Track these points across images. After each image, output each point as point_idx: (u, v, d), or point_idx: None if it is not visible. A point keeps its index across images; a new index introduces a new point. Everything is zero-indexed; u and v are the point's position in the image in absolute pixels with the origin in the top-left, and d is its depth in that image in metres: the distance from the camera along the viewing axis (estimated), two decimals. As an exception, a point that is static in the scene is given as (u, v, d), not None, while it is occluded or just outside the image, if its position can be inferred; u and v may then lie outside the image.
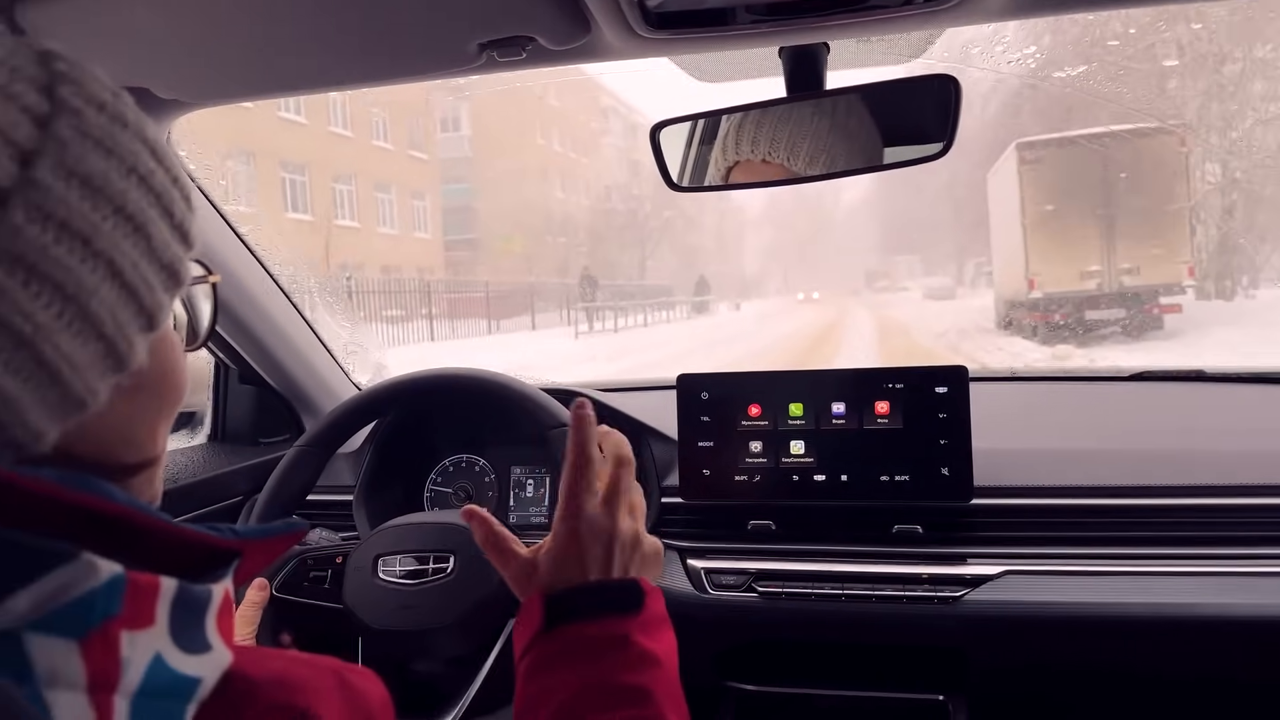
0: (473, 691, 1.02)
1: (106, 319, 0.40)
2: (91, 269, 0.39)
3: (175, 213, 0.44)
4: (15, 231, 0.36)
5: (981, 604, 1.11)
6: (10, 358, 0.37)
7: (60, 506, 0.38)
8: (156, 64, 0.95)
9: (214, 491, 1.40)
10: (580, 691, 0.62)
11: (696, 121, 1.00)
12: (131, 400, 0.44)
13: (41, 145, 0.38)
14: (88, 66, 0.43)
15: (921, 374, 1.23)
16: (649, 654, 0.64)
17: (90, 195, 0.39)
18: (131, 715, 0.37)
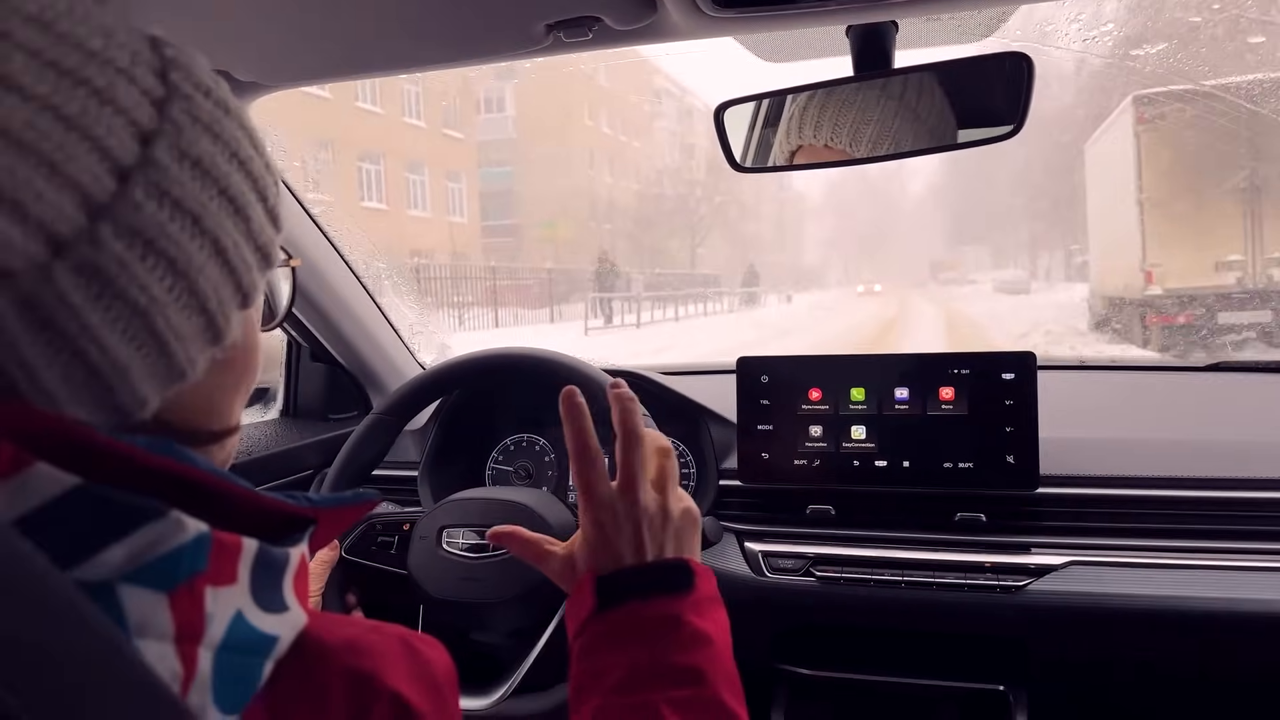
0: (527, 665, 1.04)
1: (210, 295, 0.42)
2: (200, 246, 0.41)
3: (269, 197, 0.46)
4: (136, 207, 0.38)
5: (1045, 594, 1.09)
6: (127, 326, 0.39)
7: (148, 470, 0.39)
8: (236, 47, 0.98)
9: (286, 465, 1.44)
10: (633, 671, 0.63)
11: (761, 102, 1.00)
12: (220, 373, 0.46)
13: (159, 127, 0.40)
14: (192, 52, 0.44)
15: (988, 360, 1.21)
16: (701, 633, 0.64)
17: (200, 176, 0.41)
18: (214, 667, 0.38)
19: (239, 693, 0.40)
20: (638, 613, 0.65)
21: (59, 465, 0.36)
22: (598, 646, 0.65)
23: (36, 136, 0.35)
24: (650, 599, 0.65)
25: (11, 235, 0.35)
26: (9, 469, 0.35)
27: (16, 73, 0.35)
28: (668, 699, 0.61)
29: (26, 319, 0.36)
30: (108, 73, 0.38)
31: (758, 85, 1.00)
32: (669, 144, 38.36)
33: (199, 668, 0.38)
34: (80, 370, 0.38)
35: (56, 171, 0.36)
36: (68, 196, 0.36)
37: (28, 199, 0.35)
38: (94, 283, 0.37)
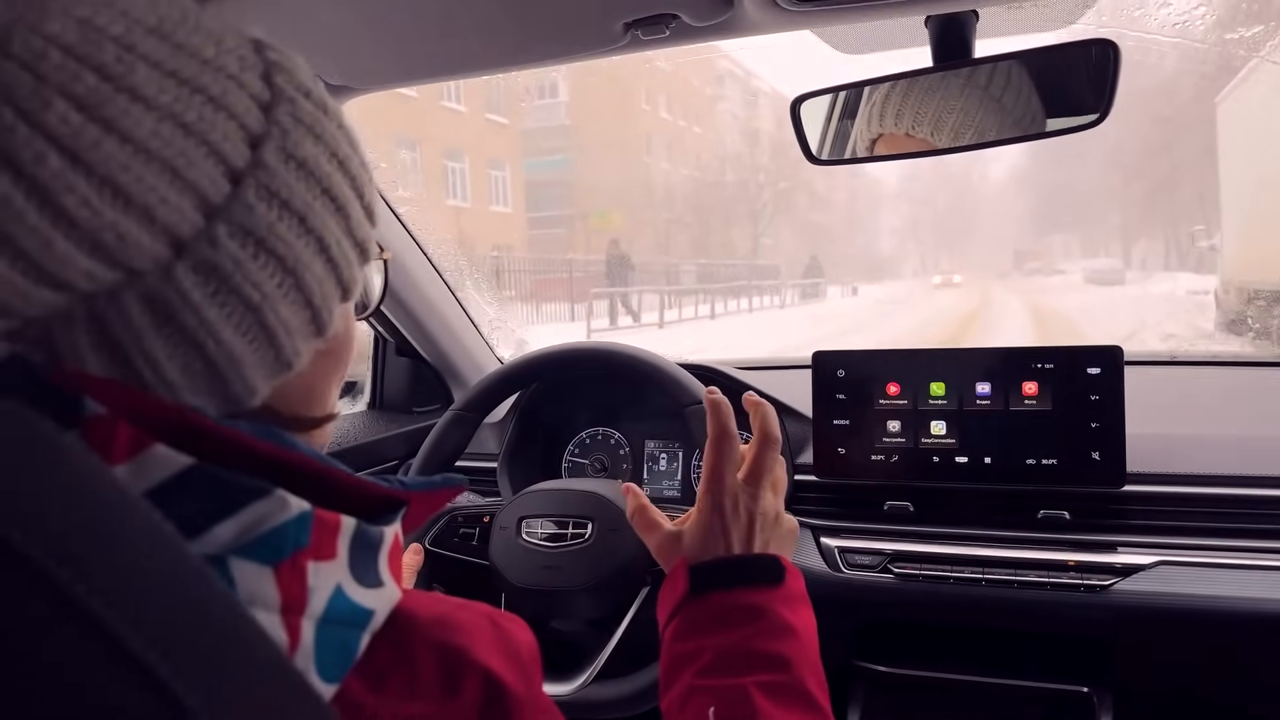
0: (607, 653, 1.06)
1: (315, 289, 0.44)
2: (305, 244, 0.43)
3: (365, 194, 0.48)
4: (249, 208, 0.41)
5: (1132, 594, 1.06)
6: (241, 320, 0.41)
7: (253, 453, 0.41)
8: (328, 52, 1.01)
9: (372, 456, 1.49)
10: (722, 654, 0.66)
11: (838, 94, 1.00)
12: (320, 362, 0.49)
13: (267, 130, 0.42)
14: (292, 54, 0.46)
15: (1073, 354, 1.18)
16: (788, 625, 0.67)
17: (304, 177, 0.43)
18: (316, 638, 0.40)
19: (339, 663, 0.42)
20: (729, 600, 0.68)
21: (173, 447, 0.38)
22: (690, 630, 0.69)
23: (161, 144, 0.37)
24: (742, 589, 0.69)
25: (140, 237, 0.37)
26: (131, 450, 0.37)
27: (141, 83, 0.37)
28: (756, 682, 0.64)
29: (151, 315, 0.39)
30: (220, 79, 0.40)
31: (828, 68, 0.99)
32: (732, 129, 36.59)
33: (302, 638, 0.40)
34: (199, 362, 0.41)
35: (178, 176, 0.38)
36: (188, 199, 0.39)
37: (154, 203, 0.37)
38: (211, 280, 0.40)
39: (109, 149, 0.36)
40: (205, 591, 0.33)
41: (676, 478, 1.51)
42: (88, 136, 0.35)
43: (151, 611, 0.29)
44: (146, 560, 0.31)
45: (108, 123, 0.36)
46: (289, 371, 0.45)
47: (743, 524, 0.72)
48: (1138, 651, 1.10)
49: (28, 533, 0.27)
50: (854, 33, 1.01)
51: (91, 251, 0.37)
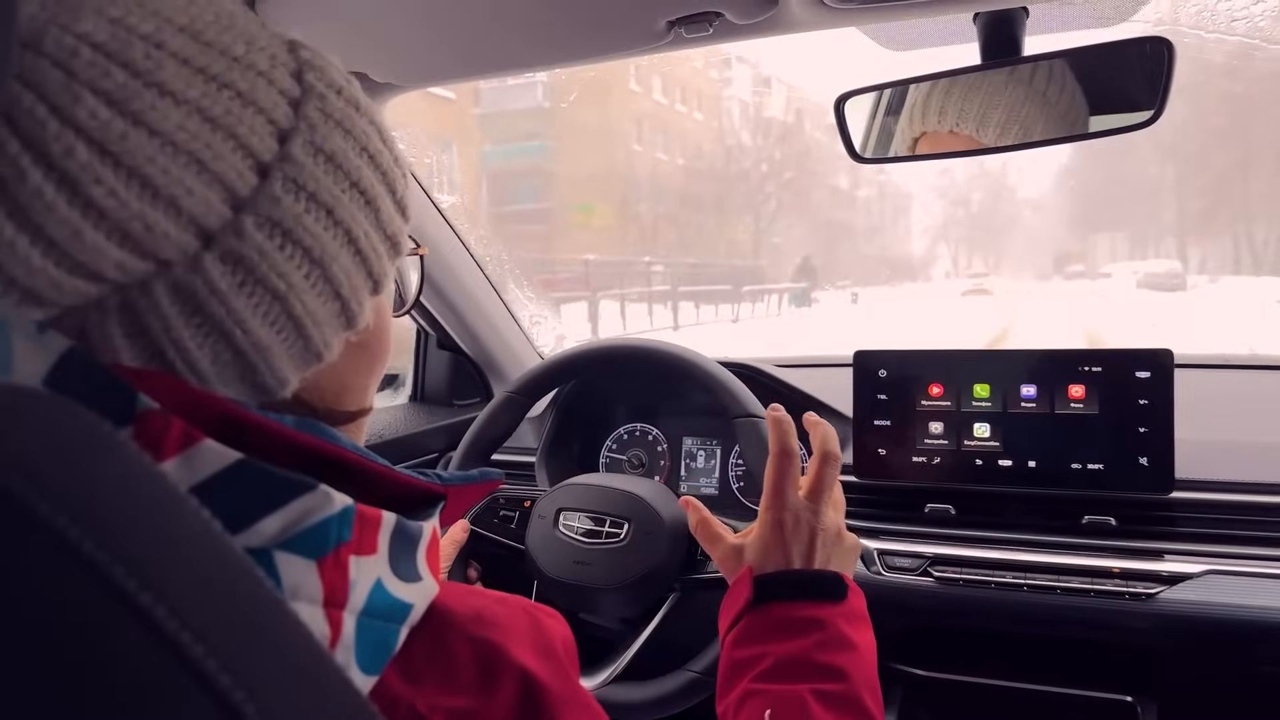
0: (630, 654, 1.06)
1: (343, 281, 0.45)
2: (333, 236, 0.44)
3: (397, 189, 0.49)
4: (275, 200, 0.41)
5: (1179, 603, 1.04)
6: (268, 311, 0.42)
7: (297, 448, 0.42)
8: (372, 50, 1.03)
9: (413, 448, 1.51)
10: (781, 661, 0.68)
11: (882, 91, 0.99)
12: (354, 355, 0.49)
13: (295, 125, 0.43)
14: (325, 54, 0.47)
15: (1122, 357, 1.16)
16: (849, 639, 0.69)
17: (333, 170, 0.44)
18: (357, 631, 0.41)
19: (378, 656, 0.42)
20: (791, 611, 0.71)
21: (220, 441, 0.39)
22: (750, 637, 0.71)
23: (188, 137, 0.38)
24: (804, 602, 0.71)
25: (168, 228, 0.38)
26: (181, 444, 0.38)
27: (169, 79, 0.38)
28: (813, 690, 0.66)
29: (180, 304, 0.40)
30: (249, 76, 0.41)
31: (856, 60, 0.98)
32: (739, 117, 33.31)
33: (343, 631, 0.40)
34: (227, 351, 0.41)
35: (205, 169, 0.39)
36: (215, 191, 0.40)
37: (180, 194, 0.38)
38: (238, 270, 0.41)
39: (136, 141, 0.37)
40: (251, 587, 0.33)
41: (714, 475, 1.51)
42: (115, 129, 0.37)
43: (199, 607, 0.30)
44: (194, 557, 0.32)
45: (135, 116, 0.37)
46: (319, 362, 0.45)
47: (804, 540, 0.74)
48: (1184, 662, 1.08)
49: (84, 529, 0.28)
50: (900, 29, 1.00)
51: (120, 241, 0.38)
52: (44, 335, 0.39)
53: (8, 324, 0.38)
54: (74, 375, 0.38)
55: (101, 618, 0.28)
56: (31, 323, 0.39)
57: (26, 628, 0.26)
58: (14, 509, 0.27)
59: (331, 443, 0.44)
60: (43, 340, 0.38)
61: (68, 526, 0.27)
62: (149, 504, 0.31)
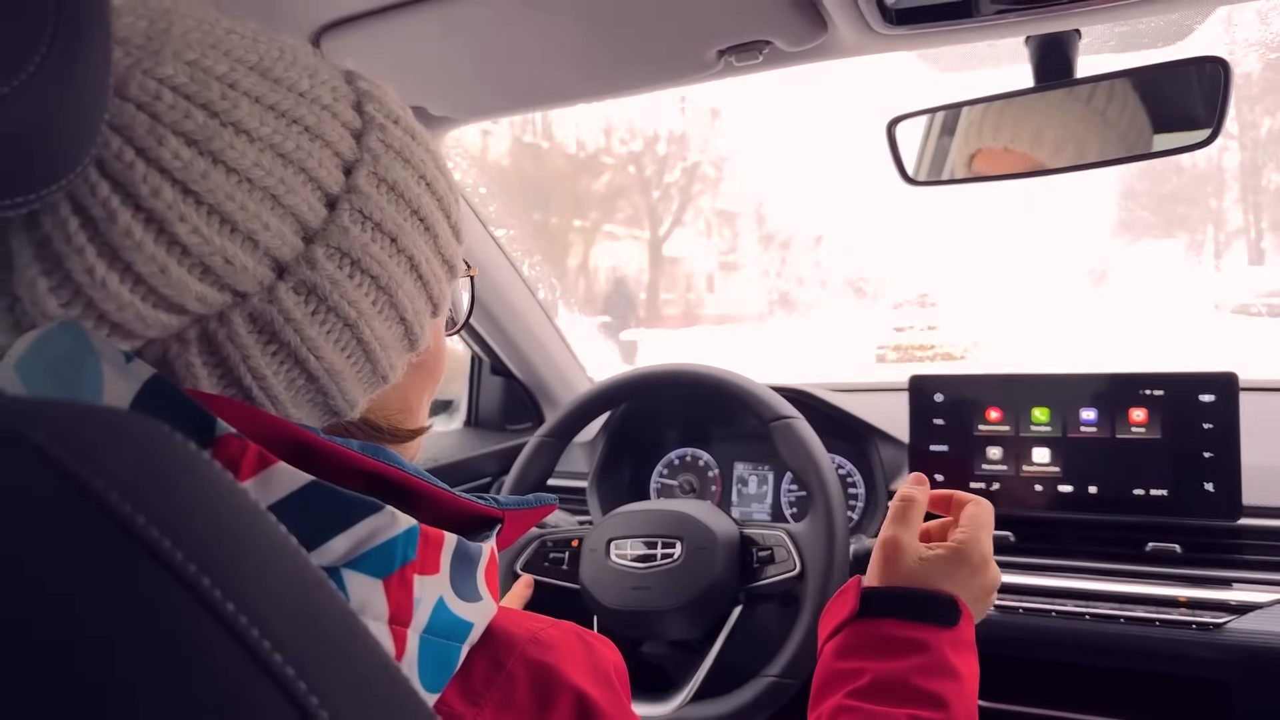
0: (704, 672, 1.06)
1: (408, 306, 0.46)
2: (398, 263, 0.45)
3: (452, 215, 0.50)
4: (344, 231, 0.43)
5: (1248, 634, 1.00)
6: (339, 337, 0.43)
7: (363, 471, 0.44)
8: (430, 85, 1.05)
9: (467, 472, 1.53)
10: (881, 680, 0.67)
11: (934, 114, 0.99)
12: (413, 375, 0.51)
13: (359, 156, 0.45)
14: (381, 84, 0.49)
15: (1185, 380, 1.13)
16: (952, 667, 0.67)
17: (395, 200, 0.45)
18: (420, 648, 0.42)
19: (440, 674, 0.43)
20: (896, 630, 0.69)
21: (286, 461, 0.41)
22: (852, 649, 0.70)
23: (263, 174, 0.40)
24: (912, 622, 0.70)
25: (246, 261, 0.40)
26: (257, 466, 0.40)
27: (245, 118, 0.40)
28: (910, 716, 0.64)
29: (257, 333, 0.41)
30: (315, 110, 0.43)
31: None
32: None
33: (408, 648, 0.41)
34: (301, 377, 0.43)
35: (279, 203, 0.41)
36: (288, 224, 0.41)
37: (258, 228, 0.40)
38: (311, 299, 0.42)
39: (216, 180, 0.39)
40: (326, 601, 0.34)
41: (766, 500, 1.50)
42: (198, 169, 0.38)
43: (278, 616, 0.31)
44: (273, 569, 0.33)
45: (215, 155, 0.39)
46: (385, 384, 0.47)
47: (977, 582, 0.75)
48: (1253, 694, 1.04)
49: (174, 540, 0.29)
50: (951, 52, 1.00)
51: (202, 275, 0.39)
52: (130, 364, 0.40)
53: (99, 353, 0.40)
54: (157, 401, 0.39)
55: (189, 625, 0.29)
56: (119, 353, 0.40)
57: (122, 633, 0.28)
58: (114, 522, 0.28)
59: (396, 467, 0.45)
60: (129, 369, 0.40)
61: (160, 538, 0.29)
62: (233, 519, 0.33)
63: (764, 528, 1.11)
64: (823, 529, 1.04)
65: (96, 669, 0.27)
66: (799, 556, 1.06)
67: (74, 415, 0.31)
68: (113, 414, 0.33)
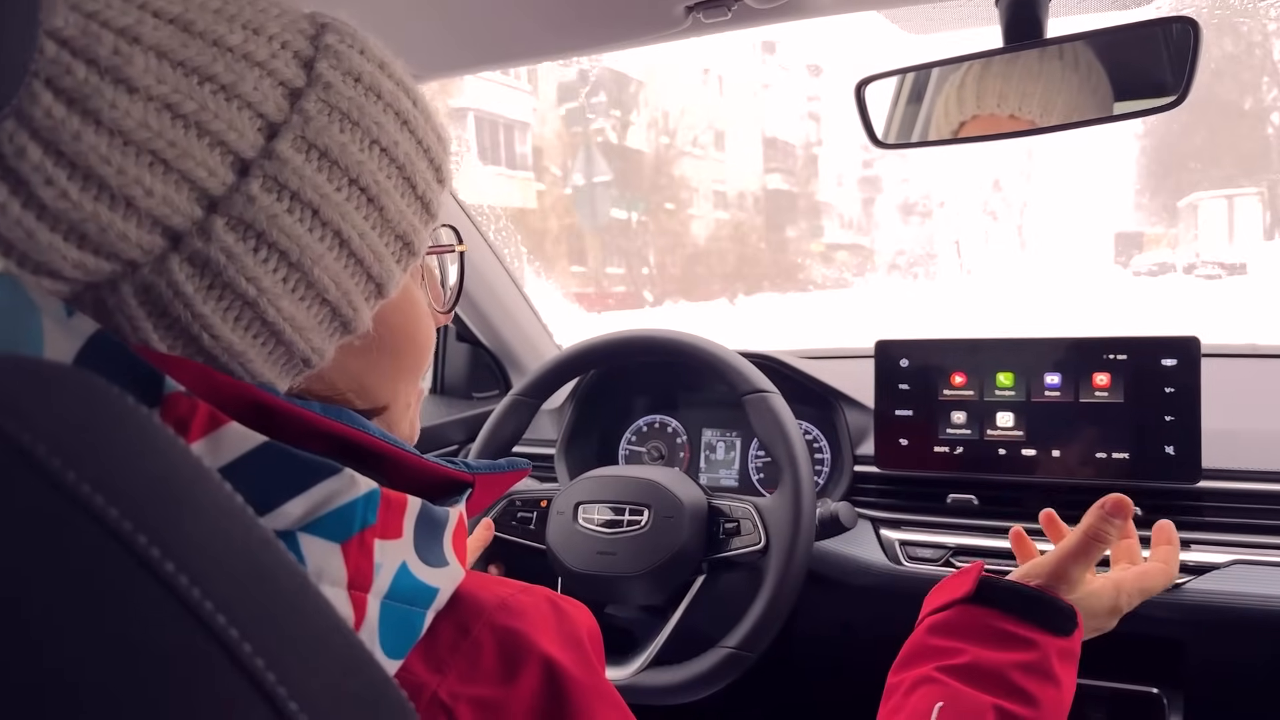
0: (662, 639, 1.06)
1: (330, 285, 0.42)
2: (319, 237, 0.41)
3: (418, 184, 0.46)
4: (250, 200, 0.39)
5: (1205, 594, 1.02)
6: (239, 315, 0.40)
7: (322, 433, 0.42)
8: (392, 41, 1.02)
9: (432, 440, 1.52)
10: (976, 665, 0.66)
11: (904, 77, 0.98)
12: (365, 357, 0.47)
13: (287, 118, 0.41)
14: (363, 38, 0.46)
15: (1148, 344, 1.14)
16: (1053, 673, 0.67)
17: (327, 166, 0.41)
18: (381, 614, 0.41)
19: (402, 640, 0.42)
20: (1006, 623, 0.69)
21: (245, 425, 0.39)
22: (953, 627, 0.70)
23: (149, 135, 0.37)
24: (1024, 621, 0.69)
25: (125, 229, 0.37)
26: (208, 426, 0.38)
27: (136, 75, 0.37)
28: (998, 708, 0.63)
29: (148, 306, 0.39)
30: (240, 67, 0.39)
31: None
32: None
33: (367, 614, 0.40)
34: (199, 355, 0.40)
35: (169, 168, 0.38)
36: (183, 192, 0.38)
37: (138, 195, 0.37)
38: (206, 273, 0.39)
39: (90, 141, 0.36)
40: (274, 562, 0.33)
41: (734, 467, 1.50)
42: (69, 128, 0.36)
43: (222, 578, 0.30)
44: (217, 529, 0.32)
45: (94, 115, 0.36)
46: (310, 368, 0.44)
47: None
48: (1211, 653, 1.06)
49: (109, 498, 0.28)
50: (921, 13, 0.99)
51: (79, 243, 0.37)
52: (72, 318, 0.39)
53: (38, 307, 0.38)
54: (102, 357, 0.38)
55: (125, 585, 0.28)
56: (61, 306, 0.39)
57: (51, 593, 0.27)
58: (42, 477, 0.27)
59: (358, 429, 0.44)
60: (71, 324, 0.38)
61: (92, 494, 0.28)
62: (173, 476, 0.31)
63: (732, 499, 1.11)
64: (790, 506, 1.04)
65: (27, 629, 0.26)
66: (764, 531, 1.06)
67: (2, 368, 0.30)
68: (43, 366, 0.31)
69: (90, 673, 0.26)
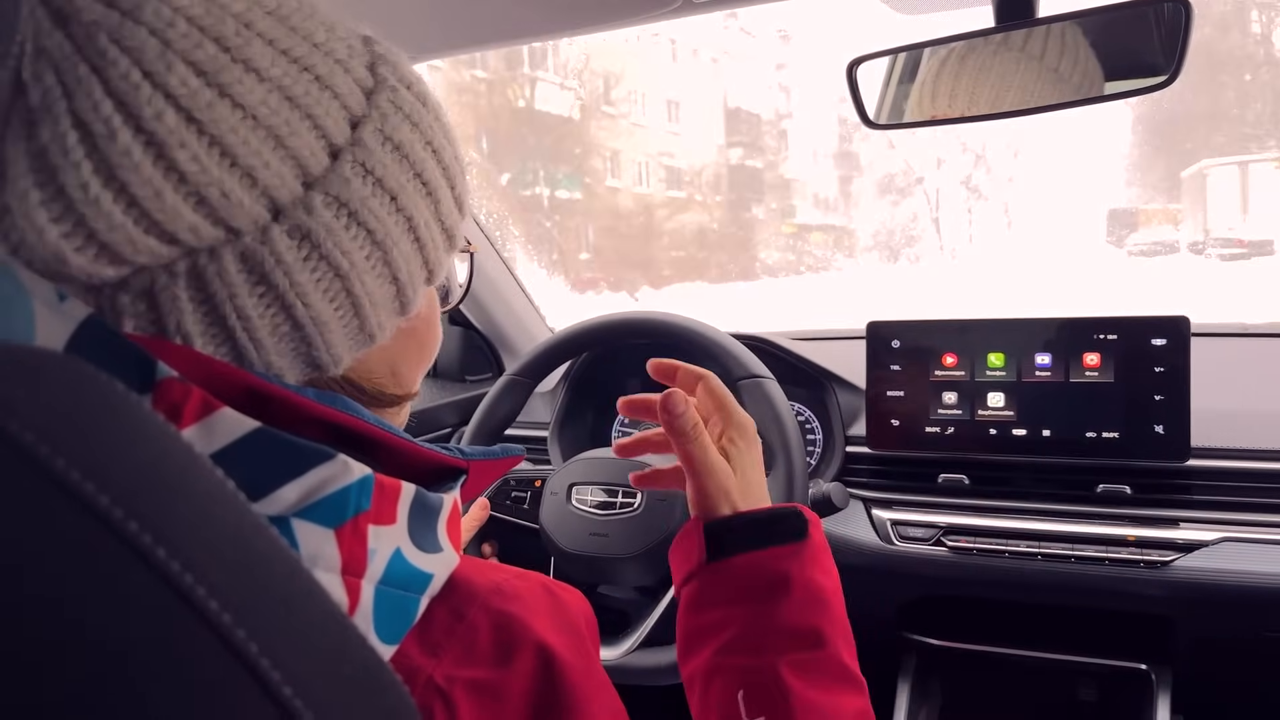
0: (653, 620, 1.07)
1: (402, 266, 0.46)
2: (396, 222, 0.45)
3: (457, 186, 0.50)
4: (345, 181, 0.43)
5: (1194, 571, 1.03)
6: (328, 287, 0.43)
7: (316, 419, 0.43)
8: (381, 20, 1.02)
9: (426, 423, 1.52)
10: (748, 630, 0.61)
11: (896, 57, 0.97)
12: (404, 341, 0.50)
13: (367, 112, 0.44)
14: (397, 50, 0.49)
15: (1138, 324, 1.15)
16: (818, 592, 0.62)
17: (399, 159, 0.45)
18: (375, 599, 0.42)
19: (397, 625, 0.43)
20: (752, 566, 0.63)
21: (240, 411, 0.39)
22: (707, 599, 0.64)
23: (269, 112, 0.40)
24: (762, 550, 0.63)
25: (242, 197, 0.40)
26: (201, 412, 0.38)
27: (256, 56, 0.40)
28: (787, 661, 0.60)
29: (246, 272, 0.41)
30: (328, 62, 0.43)
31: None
32: None
33: (361, 599, 0.41)
34: (286, 323, 0.42)
35: (282, 144, 0.40)
36: (289, 167, 0.41)
37: (257, 165, 0.40)
38: (304, 245, 0.42)
39: (221, 112, 0.39)
40: (267, 548, 0.34)
41: (727, 448, 1.50)
42: (204, 99, 0.38)
43: (214, 563, 0.30)
44: (209, 515, 0.32)
45: (222, 88, 0.39)
46: (372, 343, 0.46)
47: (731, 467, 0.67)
48: (1199, 629, 1.08)
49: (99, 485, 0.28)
50: (913, -7, 0.98)
51: (197, 205, 0.39)
52: (64, 303, 0.39)
53: (29, 292, 0.39)
54: (93, 343, 0.38)
55: (117, 572, 0.28)
56: (53, 291, 0.39)
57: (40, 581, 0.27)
58: (31, 465, 0.27)
59: (353, 415, 0.44)
60: (63, 309, 0.39)
61: (82, 482, 0.28)
62: (164, 462, 0.31)
63: None
64: (783, 490, 1.05)
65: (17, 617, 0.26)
66: None
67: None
68: (32, 353, 0.31)
69: (82, 661, 0.26)
